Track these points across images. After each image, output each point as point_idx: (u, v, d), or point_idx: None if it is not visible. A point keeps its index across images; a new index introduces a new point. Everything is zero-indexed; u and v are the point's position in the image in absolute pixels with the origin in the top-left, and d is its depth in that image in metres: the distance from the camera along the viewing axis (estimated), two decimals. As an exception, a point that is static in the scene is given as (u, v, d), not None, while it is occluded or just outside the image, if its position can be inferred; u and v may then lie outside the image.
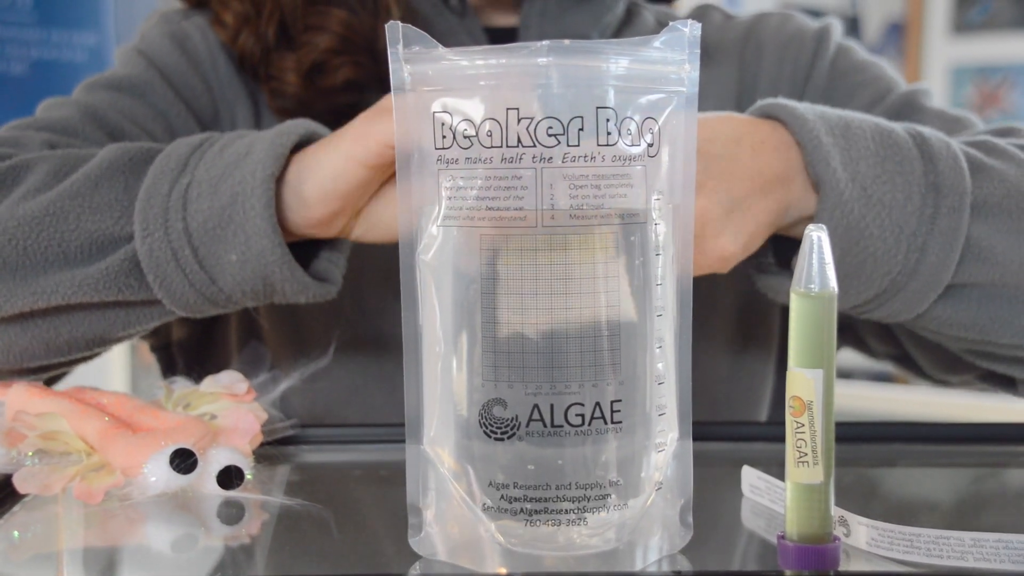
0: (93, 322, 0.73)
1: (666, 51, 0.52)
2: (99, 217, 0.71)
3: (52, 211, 0.71)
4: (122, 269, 0.71)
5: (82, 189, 0.72)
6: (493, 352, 0.50)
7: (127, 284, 0.71)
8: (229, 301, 0.72)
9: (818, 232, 0.48)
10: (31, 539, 0.60)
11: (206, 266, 0.70)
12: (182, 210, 0.70)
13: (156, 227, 0.70)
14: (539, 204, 0.50)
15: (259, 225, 0.68)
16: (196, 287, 0.71)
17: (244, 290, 0.71)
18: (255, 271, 0.70)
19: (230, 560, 0.60)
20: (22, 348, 0.74)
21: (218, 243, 0.69)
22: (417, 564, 0.53)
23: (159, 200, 0.70)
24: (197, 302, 0.72)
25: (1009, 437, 0.76)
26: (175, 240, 0.69)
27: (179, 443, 0.62)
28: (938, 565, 0.51)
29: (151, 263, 0.70)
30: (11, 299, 0.71)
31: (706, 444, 0.59)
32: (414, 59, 0.52)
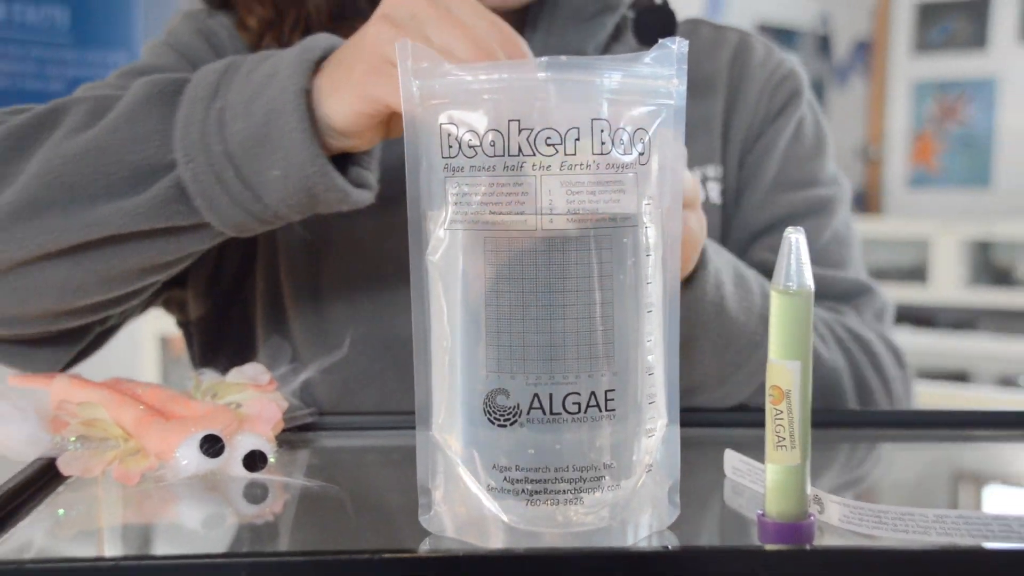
0: (144, 250, 0.72)
1: (656, 67, 0.53)
2: (140, 148, 0.70)
3: (94, 146, 0.70)
4: (169, 196, 0.69)
5: (120, 124, 0.71)
6: (496, 346, 0.50)
7: (176, 210, 0.69)
8: (276, 217, 0.71)
9: (796, 235, 0.48)
10: (74, 517, 0.60)
11: (250, 184, 0.68)
12: (220, 133, 0.68)
13: (197, 152, 0.68)
14: (539, 209, 0.50)
15: (297, 139, 0.67)
16: (243, 206, 0.69)
17: (289, 204, 0.69)
18: (298, 184, 0.68)
19: (255, 536, 0.60)
20: (78, 282, 0.72)
21: (259, 161, 0.68)
22: (427, 540, 0.53)
23: (196, 126, 0.69)
24: (245, 220, 0.70)
25: (964, 423, 0.77)
26: (217, 163, 0.68)
27: (208, 429, 0.62)
28: (909, 540, 0.51)
29: (197, 187, 0.69)
30: (64, 233, 0.69)
31: (692, 429, 0.59)
32: (422, 74, 0.52)
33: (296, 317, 0.86)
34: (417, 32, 0.64)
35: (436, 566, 0.46)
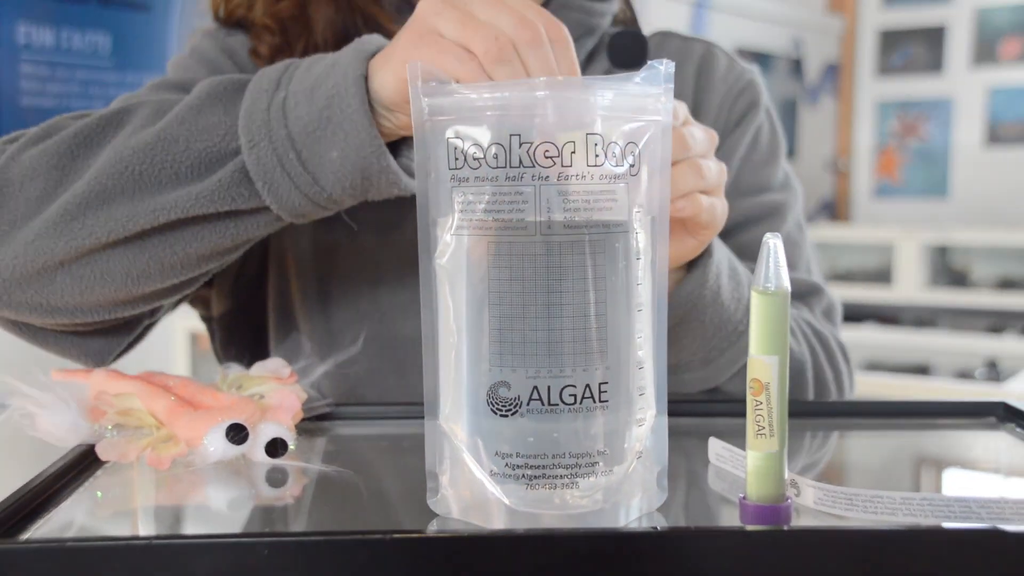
0: (205, 235, 0.71)
1: (645, 86, 0.52)
2: (206, 137, 0.69)
3: (162, 138, 0.69)
4: (233, 180, 0.68)
5: (186, 117, 0.70)
6: (499, 342, 0.50)
7: (239, 193, 0.69)
8: (331, 200, 0.69)
9: (774, 240, 0.48)
10: (111, 498, 0.60)
11: (309, 167, 0.67)
12: (283, 119, 0.67)
13: (261, 138, 0.68)
14: (538, 216, 0.49)
15: (357, 120, 0.66)
16: (301, 189, 0.68)
17: (344, 186, 0.68)
18: (355, 165, 0.67)
19: (276, 517, 0.60)
20: (140, 269, 0.71)
21: (319, 143, 0.67)
22: (434, 521, 0.53)
23: (260, 115, 0.68)
24: (302, 204, 0.69)
25: (926, 412, 0.77)
26: (279, 147, 0.67)
27: (233, 419, 0.62)
28: (877, 520, 0.50)
29: (259, 171, 0.68)
30: (133, 219, 0.69)
31: (679, 419, 0.59)
32: (431, 93, 0.52)
33: (303, 317, 0.86)
34: (465, 9, 0.63)
35: (443, 546, 0.46)
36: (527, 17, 0.61)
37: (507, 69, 0.60)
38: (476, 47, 0.60)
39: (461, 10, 0.63)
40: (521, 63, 0.61)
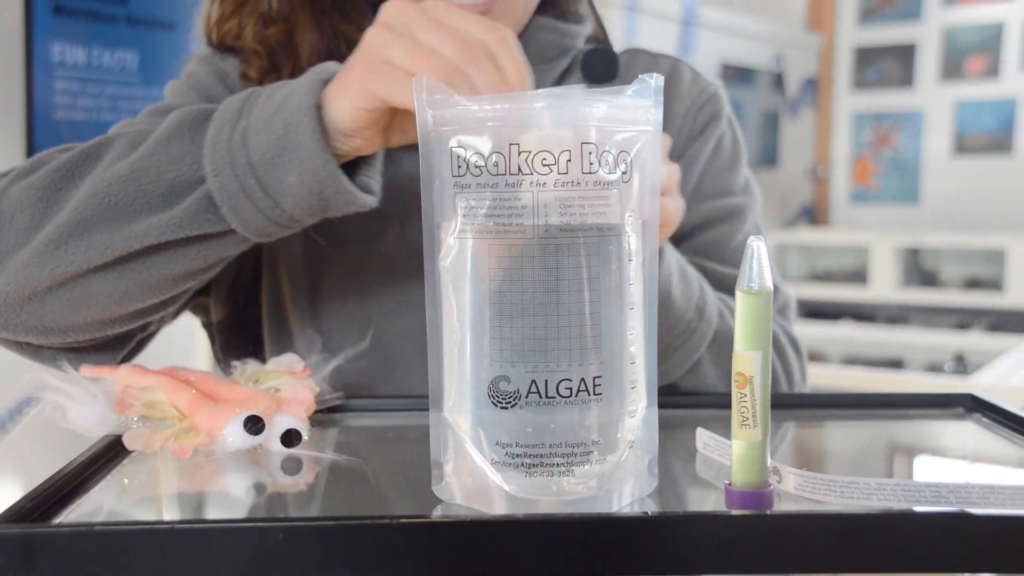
0: (179, 258, 0.71)
1: (636, 98, 0.52)
2: (175, 167, 0.70)
3: (134, 169, 0.70)
4: (200, 206, 0.69)
5: (156, 148, 0.70)
6: (499, 338, 0.50)
7: (205, 219, 0.69)
8: (292, 220, 0.70)
9: (757, 242, 0.48)
10: (137, 486, 0.60)
11: (270, 192, 0.68)
12: (244, 148, 0.68)
13: (224, 166, 0.68)
14: (536, 220, 0.49)
15: (310, 148, 0.66)
16: (263, 212, 0.69)
17: (303, 207, 0.69)
18: (311, 188, 0.67)
19: (291, 503, 0.59)
20: (121, 291, 0.72)
21: (278, 169, 0.67)
22: (439, 507, 0.52)
23: (223, 144, 0.68)
24: (265, 225, 0.70)
25: (899, 404, 0.76)
26: (241, 174, 0.68)
27: (251, 411, 0.62)
28: (853, 505, 0.50)
29: (223, 197, 0.68)
30: (110, 246, 0.69)
31: (668, 411, 0.59)
32: (435, 105, 0.52)
33: (295, 321, 0.86)
34: (409, 35, 0.64)
35: (447, 530, 0.45)
36: (468, 36, 0.62)
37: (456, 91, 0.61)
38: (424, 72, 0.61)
39: (408, 39, 0.63)
40: (469, 82, 0.62)
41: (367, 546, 0.45)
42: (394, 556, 0.45)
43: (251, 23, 0.87)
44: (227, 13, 0.89)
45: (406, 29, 0.64)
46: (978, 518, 0.45)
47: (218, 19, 0.89)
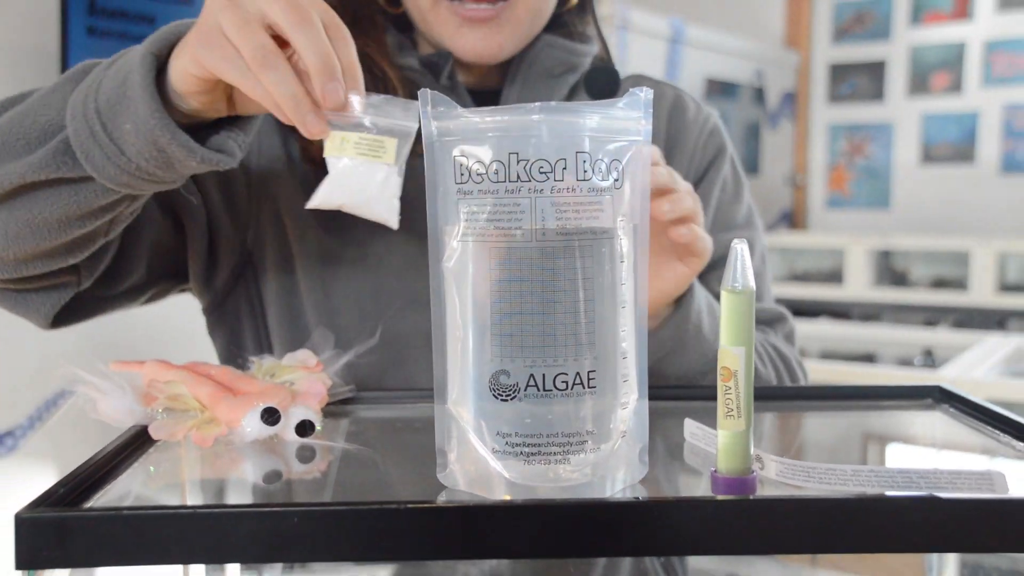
0: (52, 201, 0.68)
1: (627, 110, 0.52)
2: (49, 112, 0.68)
3: (21, 112, 0.69)
4: (59, 149, 0.66)
5: (44, 95, 0.69)
6: (499, 335, 0.50)
7: (63, 162, 0.66)
8: (139, 169, 0.65)
9: (740, 245, 0.48)
10: (162, 472, 0.60)
11: (113, 137, 0.65)
12: (95, 95, 0.65)
13: (78, 111, 0.66)
14: (533, 224, 0.49)
15: (140, 95, 0.63)
16: (110, 157, 0.65)
17: (144, 156, 0.64)
18: (146, 136, 0.63)
19: (305, 489, 0.59)
20: (14, 230, 0.70)
21: (117, 115, 0.64)
22: (443, 493, 0.52)
23: (82, 92, 0.66)
24: (116, 173, 0.65)
25: (872, 395, 0.76)
26: (90, 119, 0.65)
27: (267, 403, 0.62)
28: (831, 490, 0.50)
29: (77, 142, 0.65)
30: None
31: (657, 402, 0.59)
32: (439, 117, 0.51)
33: (312, 316, 0.84)
34: (252, 4, 0.60)
35: (451, 514, 0.45)
36: (298, 2, 0.59)
37: (273, 75, 0.59)
38: (245, 51, 0.59)
39: (240, 7, 0.60)
40: (286, 64, 0.59)
41: (376, 529, 0.45)
42: (401, 539, 0.45)
43: None
44: None
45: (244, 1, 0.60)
46: (946, 502, 0.45)
47: None
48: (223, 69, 0.60)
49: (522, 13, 0.83)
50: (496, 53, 0.84)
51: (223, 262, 0.86)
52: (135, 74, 0.63)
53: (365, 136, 0.61)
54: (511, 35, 0.83)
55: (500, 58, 0.85)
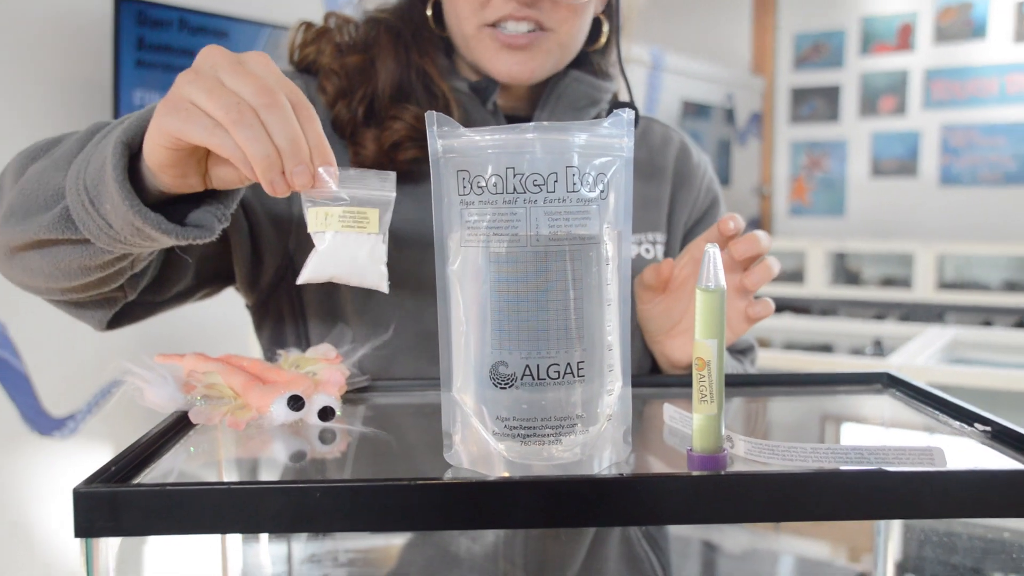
0: (68, 253, 0.65)
1: (612, 129, 0.51)
2: (58, 177, 0.65)
3: (43, 168, 0.66)
4: (62, 215, 0.63)
5: (62, 154, 0.66)
6: (498, 330, 0.49)
7: (67, 226, 0.63)
8: (127, 241, 0.61)
9: (713, 249, 0.47)
10: (201, 452, 0.59)
11: (101, 213, 0.61)
12: (84, 172, 0.62)
13: (72, 185, 0.62)
14: (528, 231, 0.48)
15: (112, 183, 0.59)
16: (101, 229, 0.62)
17: (128, 231, 0.60)
18: (123, 217, 0.59)
19: (327, 467, 0.59)
20: (48, 270, 0.67)
21: (100, 195, 0.61)
22: (449, 471, 0.52)
23: (79, 164, 0.63)
24: (107, 240, 0.62)
25: (828, 381, 0.75)
26: (80, 194, 0.61)
27: (293, 391, 0.61)
28: (793, 465, 0.50)
29: (74, 211, 0.62)
30: (25, 234, 0.65)
31: (640, 389, 0.58)
32: (444, 136, 0.51)
33: (354, 314, 0.84)
34: (214, 78, 0.54)
35: (456, 490, 0.45)
36: (267, 84, 0.54)
37: (247, 132, 0.53)
38: (219, 115, 0.53)
39: (210, 79, 0.54)
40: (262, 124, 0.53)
41: (389, 503, 0.44)
42: (412, 512, 0.45)
43: (328, 50, 0.85)
44: (308, 40, 0.87)
45: (212, 72, 0.55)
46: (893, 474, 0.45)
47: (300, 44, 0.88)
48: (188, 131, 0.54)
49: (554, 46, 0.83)
50: (528, 77, 0.83)
51: (267, 265, 0.85)
52: (107, 163, 0.59)
53: (349, 209, 0.57)
54: (543, 63, 0.83)
55: (531, 82, 0.84)
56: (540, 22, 0.81)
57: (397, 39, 0.85)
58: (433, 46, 0.86)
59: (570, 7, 0.82)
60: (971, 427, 0.58)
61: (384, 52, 0.84)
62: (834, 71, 5.51)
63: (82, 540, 0.45)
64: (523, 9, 0.80)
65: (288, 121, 0.54)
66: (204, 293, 0.86)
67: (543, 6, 0.80)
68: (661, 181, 0.94)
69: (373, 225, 0.58)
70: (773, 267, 0.74)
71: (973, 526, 0.84)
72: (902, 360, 2.30)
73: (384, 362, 0.80)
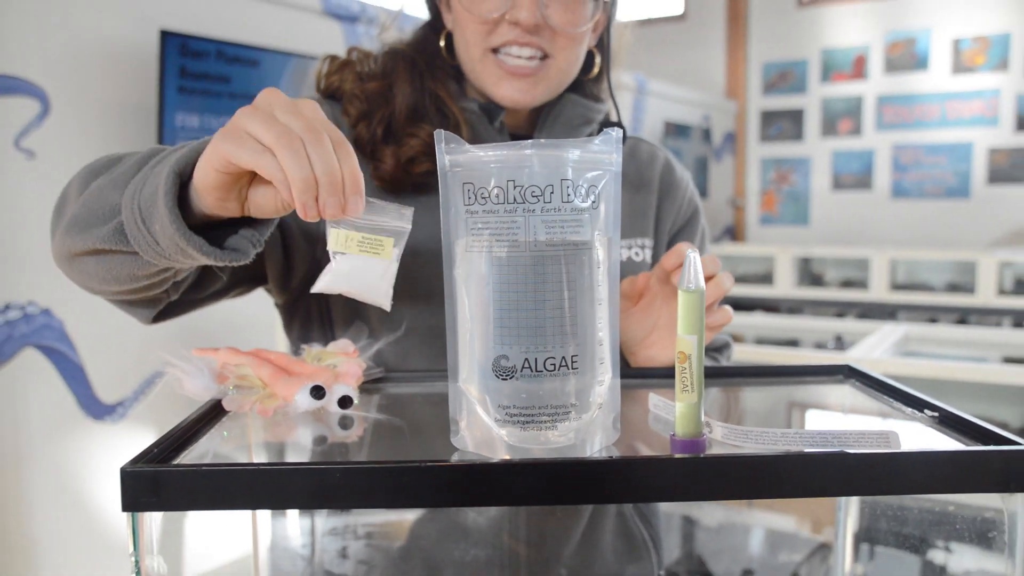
0: (120, 262, 0.66)
1: (602, 146, 0.51)
2: (115, 195, 0.64)
3: (103, 185, 0.66)
4: (117, 229, 0.63)
5: (117, 175, 0.66)
6: (500, 327, 0.49)
7: (120, 240, 0.63)
8: (173, 258, 0.62)
9: (693, 253, 0.47)
10: (233, 436, 0.59)
11: (151, 232, 0.61)
12: (139, 194, 0.62)
13: (127, 204, 0.62)
14: (527, 237, 0.48)
15: (163, 208, 0.59)
16: (149, 245, 0.62)
17: (172, 250, 0.61)
18: (170, 238, 0.60)
19: (346, 450, 0.58)
20: (103, 275, 0.67)
21: (150, 216, 0.61)
22: (456, 453, 0.51)
23: (135, 185, 0.63)
24: (154, 255, 0.62)
25: (795, 373, 0.75)
26: (134, 213, 0.61)
27: (315, 382, 0.61)
28: (764, 448, 0.49)
29: (127, 227, 0.62)
30: (83, 243, 0.65)
31: (628, 380, 0.58)
32: (451, 152, 0.50)
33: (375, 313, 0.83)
34: (269, 113, 0.55)
35: (462, 471, 0.44)
36: (314, 124, 0.55)
37: (291, 157, 0.53)
38: (269, 140, 0.53)
39: (266, 113, 0.55)
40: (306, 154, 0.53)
41: (402, 483, 0.44)
42: (422, 490, 0.44)
43: (350, 78, 0.86)
44: (332, 70, 0.88)
45: (268, 108, 0.56)
46: (852, 456, 0.45)
47: (326, 74, 0.88)
48: (240, 154, 0.54)
49: (553, 74, 0.83)
50: (530, 102, 0.84)
51: (297, 269, 0.84)
52: (160, 189, 0.59)
53: (367, 236, 0.57)
54: (544, 90, 0.84)
55: (532, 106, 0.85)
56: (541, 48, 0.81)
57: (413, 67, 0.85)
58: (445, 73, 0.86)
59: (568, 36, 0.81)
60: (921, 413, 0.57)
61: (401, 79, 0.85)
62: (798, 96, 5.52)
63: (129, 514, 0.45)
64: (526, 36, 0.80)
65: (328, 155, 0.54)
66: (238, 292, 0.86)
67: (544, 34, 0.80)
68: (648, 193, 0.94)
69: (387, 253, 0.58)
70: (724, 283, 0.74)
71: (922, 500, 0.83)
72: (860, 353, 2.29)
73: (397, 356, 0.80)
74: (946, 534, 0.95)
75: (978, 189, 5.03)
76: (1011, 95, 4.97)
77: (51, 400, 2.32)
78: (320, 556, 0.82)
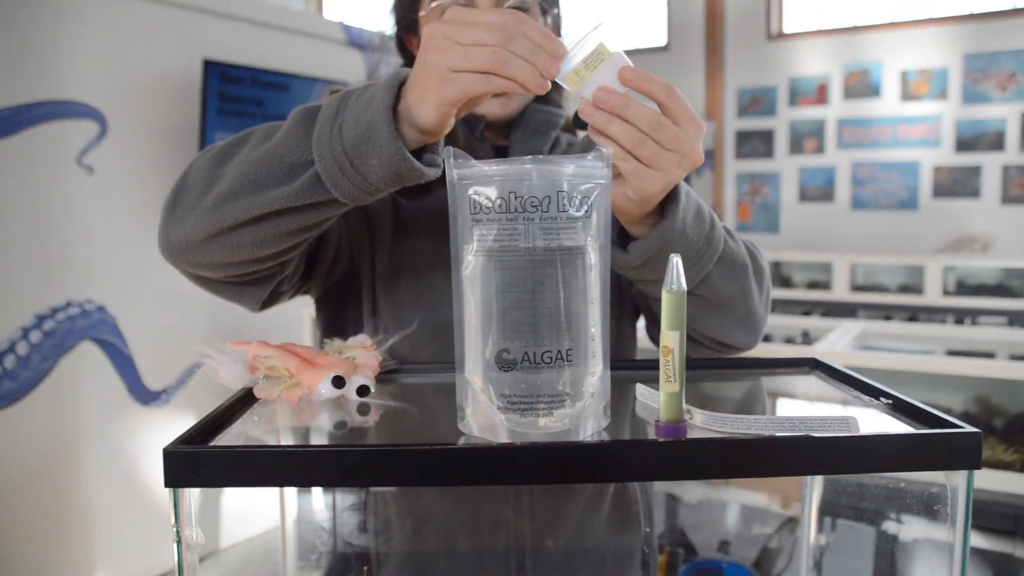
0: (297, 217, 0.65)
1: (594, 162, 0.50)
2: (292, 154, 0.64)
3: (268, 153, 0.65)
4: (310, 182, 0.63)
5: (281, 139, 0.65)
6: (502, 324, 0.48)
7: (315, 191, 0.63)
8: (376, 189, 0.62)
9: (676, 258, 0.46)
10: (262, 420, 0.58)
11: (360, 171, 0.61)
12: (340, 139, 0.61)
13: (326, 153, 0.62)
14: (526, 243, 0.48)
15: (387, 140, 0.59)
16: (356, 185, 0.62)
17: (384, 181, 0.61)
18: (389, 168, 0.60)
19: (363, 434, 0.58)
20: (260, 239, 0.66)
21: (364, 154, 0.61)
22: (462, 438, 0.51)
23: (325, 136, 0.62)
24: (358, 195, 0.62)
25: (766, 365, 0.74)
26: (339, 158, 0.61)
27: (336, 372, 0.60)
28: (739, 432, 0.49)
29: (327, 175, 0.62)
30: (250, 209, 0.64)
31: (617, 371, 0.57)
32: (459, 166, 0.50)
33: (387, 309, 0.83)
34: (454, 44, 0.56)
35: (468, 453, 0.44)
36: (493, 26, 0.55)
37: (513, 65, 0.55)
38: (485, 64, 0.55)
39: (456, 46, 0.55)
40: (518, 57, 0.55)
41: (413, 463, 0.44)
42: (432, 470, 0.44)
43: None
44: None
45: (449, 41, 0.56)
46: (818, 439, 0.45)
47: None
48: (471, 87, 0.56)
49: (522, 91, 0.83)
50: (508, 114, 0.86)
51: (337, 268, 0.85)
52: (381, 125, 0.59)
53: (586, 58, 0.56)
54: (517, 103, 0.87)
55: (510, 117, 0.87)
56: None
57: None
58: None
59: None
60: (877, 400, 0.57)
61: None
62: (769, 118, 5.52)
63: (171, 490, 0.45)
64: None
65: (522, 40, 0.55)
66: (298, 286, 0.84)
67: None
68: None
69: (608, 52, 0.56)
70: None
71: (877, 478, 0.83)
72: (824, 347, 2.28)
73: (410, 349, 0.79)
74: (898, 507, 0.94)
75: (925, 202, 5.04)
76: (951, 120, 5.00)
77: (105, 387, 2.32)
78: (340, 529, 0.81)
